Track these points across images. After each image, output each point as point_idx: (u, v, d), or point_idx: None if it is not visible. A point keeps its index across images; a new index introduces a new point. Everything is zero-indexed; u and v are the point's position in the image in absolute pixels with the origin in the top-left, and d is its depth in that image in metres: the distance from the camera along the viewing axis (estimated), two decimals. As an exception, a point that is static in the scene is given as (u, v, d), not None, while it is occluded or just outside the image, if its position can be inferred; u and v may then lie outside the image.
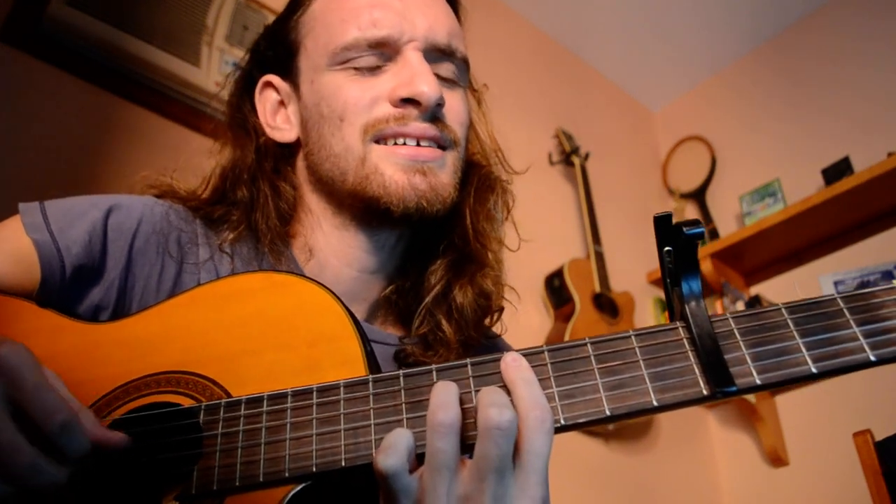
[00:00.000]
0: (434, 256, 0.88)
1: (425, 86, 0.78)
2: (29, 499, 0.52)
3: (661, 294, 2.91)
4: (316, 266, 0.86)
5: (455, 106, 0.85)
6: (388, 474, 0.51)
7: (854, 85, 2.81)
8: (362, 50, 0.81)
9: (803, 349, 0.54)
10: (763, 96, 3.12)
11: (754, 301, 2.54)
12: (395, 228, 0.85)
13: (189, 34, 1.83)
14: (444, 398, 0.53)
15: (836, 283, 2.34)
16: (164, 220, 0.82)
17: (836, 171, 2.52)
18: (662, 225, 0.58)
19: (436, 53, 0.84)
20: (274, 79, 0.90)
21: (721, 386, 0.53)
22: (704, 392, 0.54)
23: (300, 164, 0.89)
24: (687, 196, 3.16)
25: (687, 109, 3.44)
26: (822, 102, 2.89)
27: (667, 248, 0.58)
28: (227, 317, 0.66)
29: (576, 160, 2.83)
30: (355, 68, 0.82)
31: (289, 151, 0.90)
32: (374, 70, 0.82)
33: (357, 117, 0.80)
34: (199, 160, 0.94)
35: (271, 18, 2.00)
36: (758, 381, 0.53)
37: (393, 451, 0.51)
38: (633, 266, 2.87)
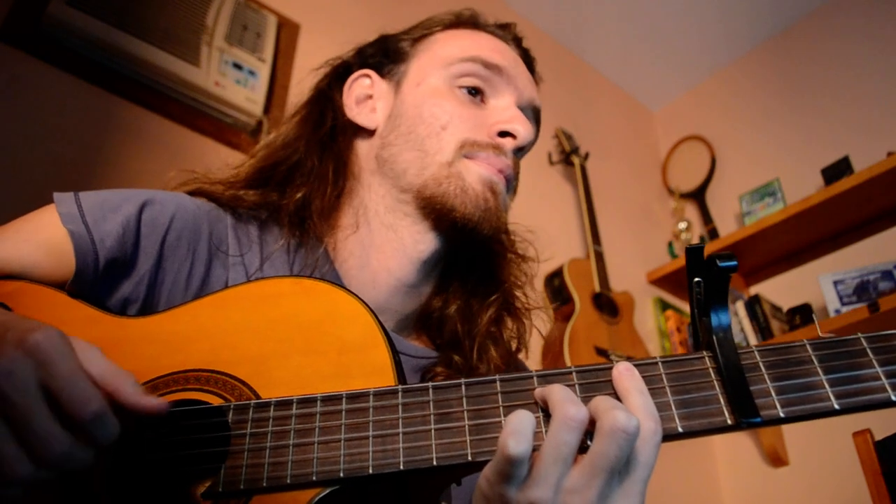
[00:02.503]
0: (481, 295, 0.94)
1: (523, 127, 0.88)
2: (60, 483, 0.52)
3: (661, 294, 2.92)
4: (355, 267, 0.88)
5: (520, 163, 0.95)
6: (518, 460, 0.51)
7: (854, 85, 2.81)
8: (475, 67, 0.90)
9: (826, 386, 0.56)
10: (763, 96, 3.13)
11: (754, 301, 2.54)
12: (443, 237, 0.88)
13: (189, 34, 1.83)
14: (570, 395, 0.55)
15: (835, 283, 2.34)
16: (197, 217, 0.83)
17: (836, 170, 2.52)
18: (694, 256, 0.59)
19: (526, 114, 0.93)
20: (372, 73, 0.97)
21: (746, 417, 0.54)
22: (729, 422, 0.55)
23: (365, 152, 0.94)
24: (687, 196, 3.16)
25: (687, 109, 3.44)
26: (822, 102, 2.89)
27: (696, 280, 0.59)
28: (256, 319, 0.66)
29: (576, 160, 2.83)
30: (461, 88, 0.90)
31: (356, 138, 0.96)
32: (476, 99, 0.90)
33: (459, 131, 0.87)
34: (196, 159, 0.95)
35: (271, 18, 2.02)
36: (782, 415, 0.55)
37: (524, 436, 0.52)
38: (633, 266, 2.87)
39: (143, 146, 1.70)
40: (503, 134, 0.88)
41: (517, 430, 0.52)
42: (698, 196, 3.14)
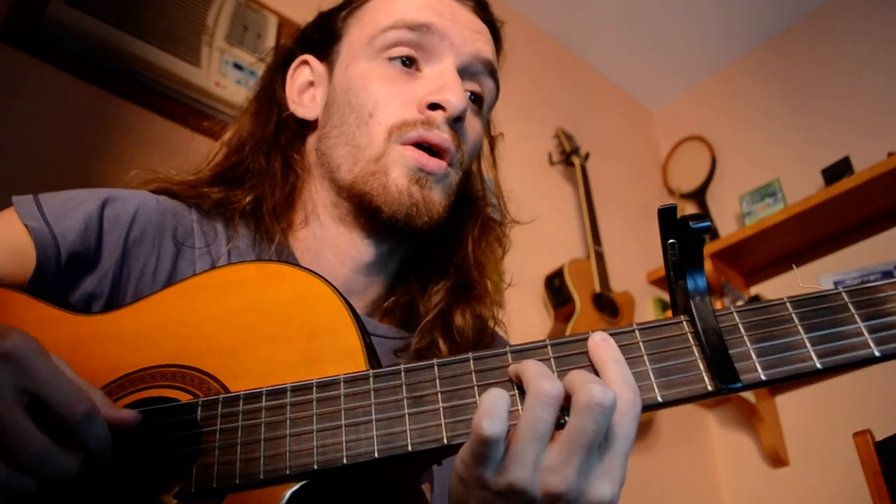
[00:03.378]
0: (435, 276, 0.90)
1: (452, 95, 0.81)
2: (41, 492, 0.51)
3: (662, 294, 2.91)
4: (312, 261, 0.86)
5: (472, 129, 0.88)
6: (493, 440, 0.50)
7: (854, 85, 2.81)
8: (400, 34, 0.84)
9: (808, 344, 0.53)
10: (763, 96, 3.12)
11: (754, 301, 2.54)
12: (384, 235, 0.85)
13: (189, 34, 1.83)
14: (544, 370, 0.53)
15: (835, 283, 2.34)
16: (160, 213, 0.82)
17: (836, 171, 2.52)
18: (667, 217, 0.57)
19: (474, 69, 0.87)
20: (311, 59, 0.93)
21: (726, 382, 0.52)
22: (709, 388, 0.53)
23: (311, 145, 0.91)
24: (687, 196, 3.16)
25: (687, 109, 3.44)
26: (822, 102, 2.89)
27: (671, 241, 0.57)
28: (221, 308, 0.64)
29: (576, 160, 2.83)
30: (390, 59, 0.84)
31: (303, 131, 0.92)
32: (408, 68, 0.84)
33: (386, 117, 0.82)
34: (196, 159, 0.95)
35: (272, 19, 2.02)
36: (763, 377, 0.53)
37: (497, 415, 0.50)
38: (633, 266, 2.87)
39: (144, 146, 1.70)
40: (433, 106, 0.82)
41: (491, 409, 0.50)
42: (699, 196, 3.14)
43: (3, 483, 0.48)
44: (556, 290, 2.45)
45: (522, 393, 0.54)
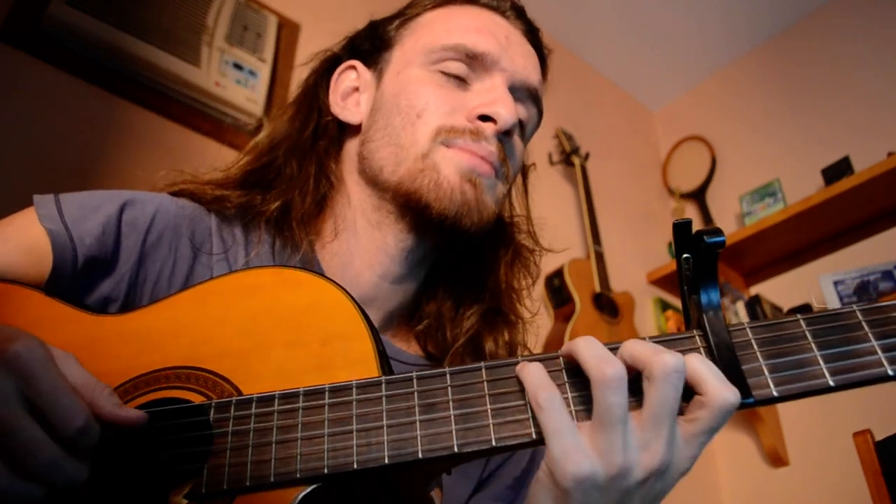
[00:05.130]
0: (468, 298, 0.89)
1: (504, 109, 0.81)
2: (49, 497, 0.51)
3: (662, 294, 2.91)
4: (339, 266, 0.85)
5: (517, 147, 0.88)
6: (561, 429, 0.51)
7: (854, 85, 2.81)
8: (458, 56, 0.84)
9: (821, 362, 0.54)
10: (763, 96, 3.12)
11: (754, 301, 2.54)
12: (426, 235, 0.84)
13: (189, 34, 1.83)
14: (601, 352, 0.53)
15: (835, 283, 2.34)
16: (178, 217, 0.81)
17: (836, 170, 2.52)
18: (682, 232, 0.57)
19: (521, 93, 0.87)
20: (358, 64, 0.93)
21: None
22: None
23: (351, 151, 0.90)
24: (687, 196, 3.16)
25: (687, 109, 3.44)
26: (822, 102, 2.89)
27: (685, 256, 0.58)
28: (236, 312, 0.65)
29: (576, 160, 2.83)
30: (444, 73, 0.84)
31: (343, 137, 0.92)
32: (460, 82, 0.84)
33: (434, 118, 0.82)
34: (195, 162, 0.94)
35: (272, 18, 2.02)
36: (775, 394, 0.53)
37: (555, 408, 0.51)
38: (633, 266, 2.87)
39: (143, 146, 1.70)
40: (484, 118, 0.82)
41: (543, 403, 0.52)
42: (699, 196, 3.14)
43: (7, 490, 0.48)
44: (556, 290, 2.45)
45: (572, 372, 0.55)
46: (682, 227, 0.57)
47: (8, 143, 1.52)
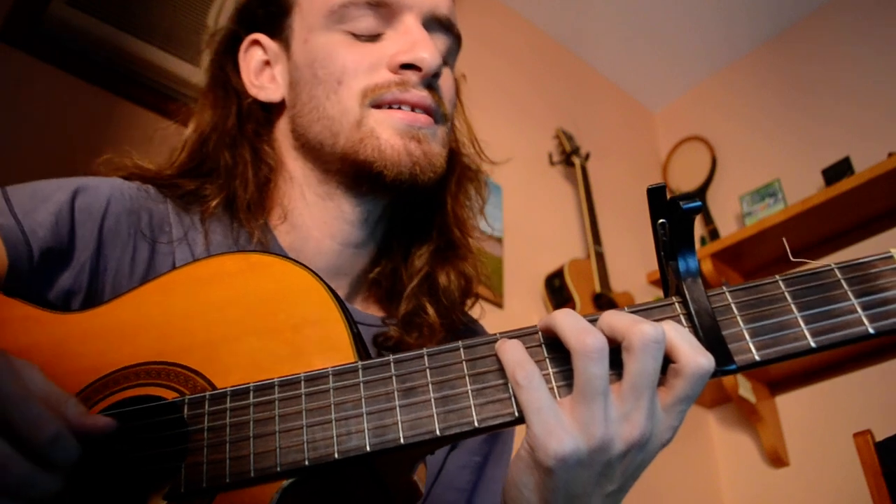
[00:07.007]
0: (417, 241, 0.88)
1: (426, 52, 0.78)
2: None
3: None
4: (297, 240, 0.83)
5: (447, 82, 0.85)
6: (541, 407, 0.50)
7: (854, 85, 2.81)
8: (361, 8, 0.80)
9: (802, 323, 0.53)
10: (763, 96, 3.12)
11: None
12: (382, 198, 0.83)
13: (189, 34, 1.83)
14: (581, 324, 0.52)
15: (836, 284, 2.34)
16: (134, 201, 0.79)
17: (837, 171, 2.51)
18: (657, 197, 0.56)
19: (434, 25, 0.83)
20: (261, 37, 0.88)
21: (720, 364, 0.52)
22: None
23: (283, 127, 0.86)
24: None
25: (687, 110, 3.44)
26: (822, 102, 2.89)
27: (661, 221, 0.56)
28: (204, 302, 0.62)
29: (576, 160, 2.83)
30: (353, 33, 0.80)
31: (271, 114, 0.88)
32: (372, 38, 0.81)
33: (356, 81, 0.79)
34: (170, 142, 0.92)
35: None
36: (757, 358, 0.52)
37: (534, 386, 0.51)
38: (634, 266, 2.87)
39: (143, 146, 1.70)
40: (406, 66, 0.78)
41: (522, 379, 0.51)
42: (699, 196, 3.14)
43: None
44: (557, 290, 2.45)
45: (552, 346, 0.54)
46: (656, 193, 0.56)
47: (8, 143, 1.52)
